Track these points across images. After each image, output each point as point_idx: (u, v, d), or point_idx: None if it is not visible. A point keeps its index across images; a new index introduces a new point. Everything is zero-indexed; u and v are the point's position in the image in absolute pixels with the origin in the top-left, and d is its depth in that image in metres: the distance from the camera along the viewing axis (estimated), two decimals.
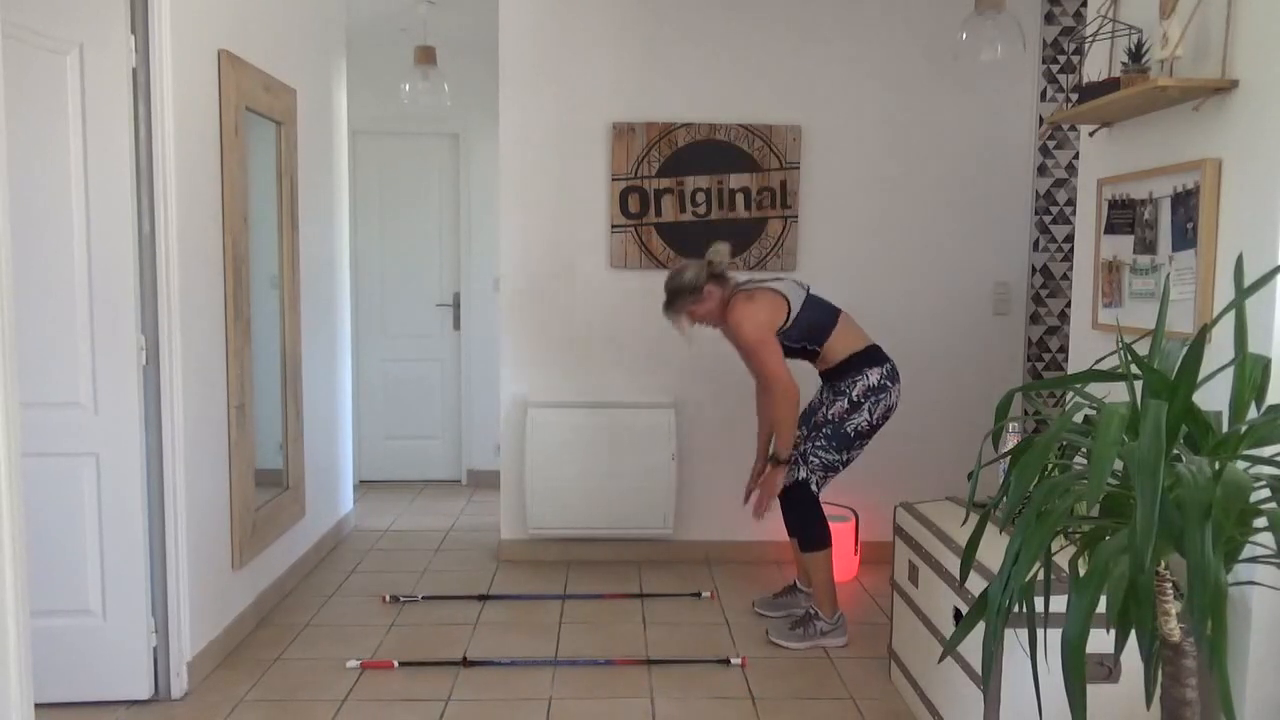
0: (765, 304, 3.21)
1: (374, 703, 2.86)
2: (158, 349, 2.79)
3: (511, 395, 4.21)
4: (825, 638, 3.28)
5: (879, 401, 3.24)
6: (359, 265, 5.58)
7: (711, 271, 3.28)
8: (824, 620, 3.29)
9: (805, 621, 3.31)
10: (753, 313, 3.19)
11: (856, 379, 3.24)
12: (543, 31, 4.07)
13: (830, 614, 3.29)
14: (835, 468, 3.29)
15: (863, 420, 3.24)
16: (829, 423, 3.26)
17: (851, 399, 3.24)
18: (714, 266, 3.29)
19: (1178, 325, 2.32)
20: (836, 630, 3.29)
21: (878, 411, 3.25)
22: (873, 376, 3.24)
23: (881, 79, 4.13)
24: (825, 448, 3.26)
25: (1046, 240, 4.24)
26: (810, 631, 3.28)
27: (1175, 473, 1.52)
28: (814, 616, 3.30)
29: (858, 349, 3.28)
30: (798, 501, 3.27)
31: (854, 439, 3.26)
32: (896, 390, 3.28)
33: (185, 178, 2.87)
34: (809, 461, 3.26)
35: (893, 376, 3.28)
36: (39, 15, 2.56)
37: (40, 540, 2.65)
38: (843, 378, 3.27)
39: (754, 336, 3.18)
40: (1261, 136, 2.09)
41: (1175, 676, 1.71)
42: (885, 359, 3.30)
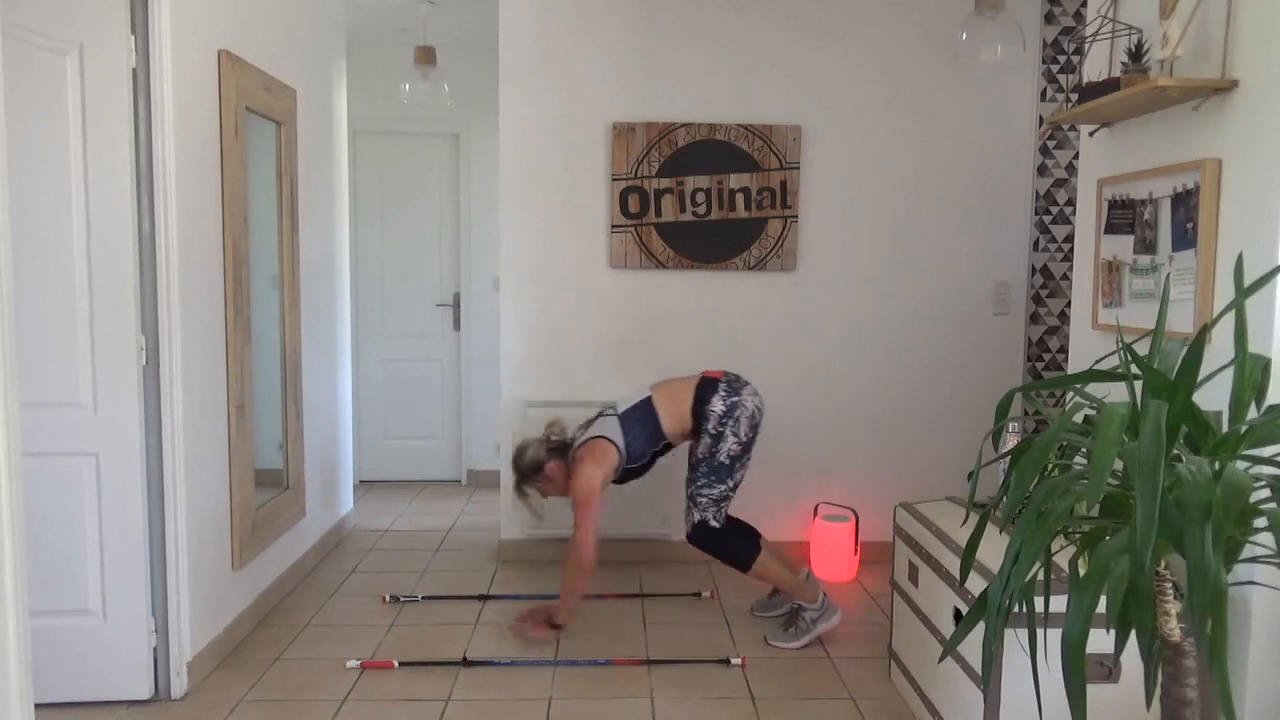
0: (596, 460, 3.23)
1: (374, 703, 2.86)
2: (158, 349, 2.79)
3: (511, 395, 4.21)
4: (819, 624, 3.27)
5: (737, 420, 3.25)
6: (359, 265, 5.58)
7: (551, 446, 3.33)
8: (809, 608, 3.28)
9: (794, 618, 3.32)
10: (587, 475, 3.21)
11: (710, 419, 3.26)
12: (543, 31, 4.07)
13: (813, 599, 3.29)
14: (726, 497, 3.29)
15: (731, 445, 3.25)
16: (702, 460, 3.28)
17: (710, 433, 3.26)
18: (555, 439, 3.35)
19: (1178, 325, 2.32)
20: (825, 612, 3.29)
21: (742, 429, 3.26)
22: (717, 406, 3.26)
23: (881, 79, 4.13)
24: (708, 484, 3.27)
25: (1046, 240, 4.24)
26: (802, 625, 3.28)
27: (1175, 473, 1.52)
28: (800, 609, 3.30)
29: (689, 408, 3.30)
30: (705, 541, 3.29)
31: (731, 465, 3.27)
32: (748, 396, 3.29)
33: (185, 178, 2.87)
34: (699, 503, 3.27)
35: (734, 389, 3.29)
36: (39, 15, 2.56)
37: (40, 540, 2.65)
38: (699, 428, 3.30)
39: (582, 498, 3.20)
40: (1261, 136, 2.09)
41: (1175, 676, 1.71)
42: (716, 383, 3.30)
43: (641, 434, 3.31)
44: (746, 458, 3.31)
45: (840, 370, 4.23)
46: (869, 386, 4.24)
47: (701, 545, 3.30)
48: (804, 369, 4.22)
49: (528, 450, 3.33)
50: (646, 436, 3.31)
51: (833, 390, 4.23)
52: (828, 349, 4.21)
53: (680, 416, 3.31)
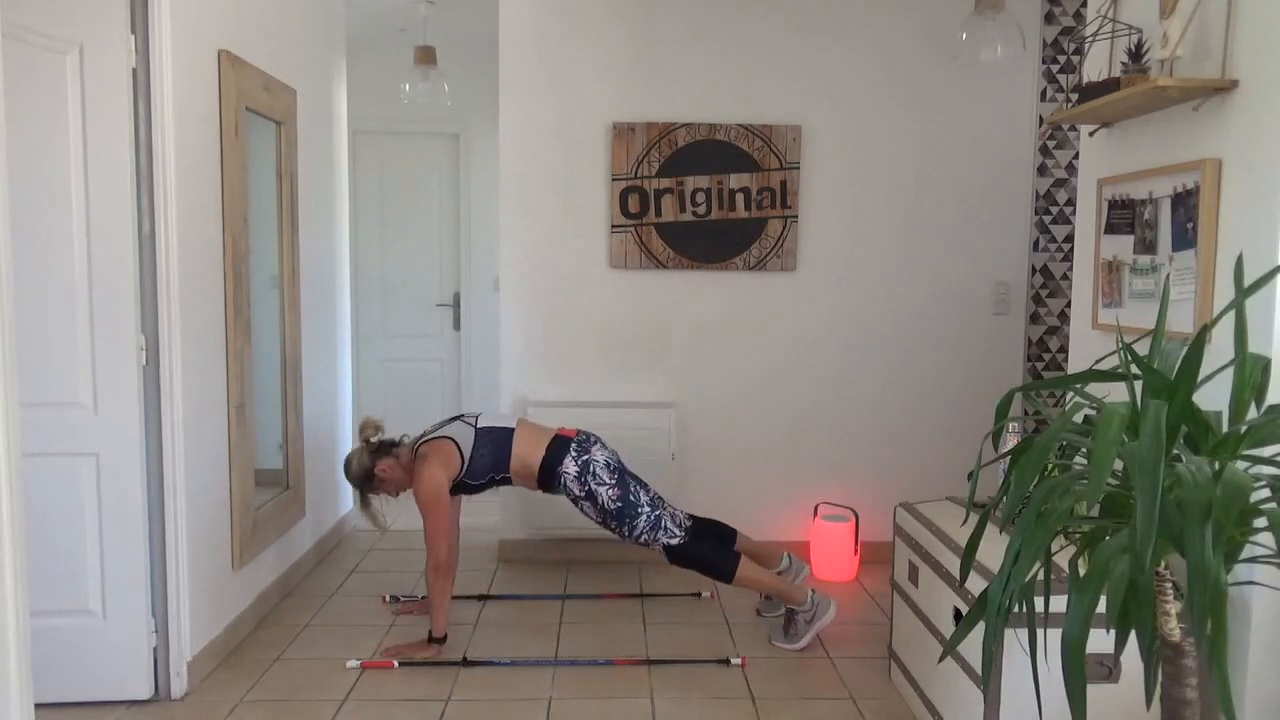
0: (440, 461, 3.21)
1: (374, 703, 2.86)
2: (158, 349, 2.79)
3: (511, 395, 4.21)
4: (814, 623, 3.26)
5: (595, 474, 3.24)
6: (359, 265, 5.58)
7: (371, 448, 3.31)
8: (802, 610, 3.27)
9: (790, 620, 3.31)
10: (430, 473, 3.19)
11: (566, 482, 3.25)
12: (543, 31, 4.07)
13: (802, 600, 3.28)
14: (657, 519, 3.25)
15: (608, 492, 3.23)
16: (604, 519, 3.26)
17: (579, 495, 3.25)
18: (371, 443, 3.32)
19: (1178, 325, 2.32)
20: (818, 610, 3.27)
21: (604, 478, 3.24)
22: (570, 468, 3.25)
23: (881, 79, 4.13)
24: (630, 526, 3.24)
25: (1046, 240, 4.24)
26: (798, 627, 3.28)
27: (1175, 473, 1.52)
28: (792, 613, 3.30)
29: (539, 458, 3.27)
30: (680, 559, 3.27)
31: (626, 498, 3.23)
32: (598, 451, 3.28)
33: (185, 178, 2.87)
34: (643, 540, 3.25)
35: (584, 449, 3.28)
36: (39, 15, 2.56)
37: (40, 540, 2.65)
38: (553, 488, 3.29)
39: (427, 500, 3.18)
40: (1261, 136, 2.09)
41: (1175, 676, 1.71)
42: (567, 442, 3.29)
43: (489, 456, 3.28)
44: (634, 485, 3.28)
45: (840, 370, 4.23)
46: (869, 386, 4.24)
47: (680, 564, 3.29)
48: (804, 368, 4.22)
49: (353, 461, 3.32)
50: (492, 461, 3.28)
51: (833, 390, 4.23)
52: (828, 349, 4.21)
53: (528, 463, 3.28)
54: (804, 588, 3.31)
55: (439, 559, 3.16)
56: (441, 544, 3.17)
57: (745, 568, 3.26)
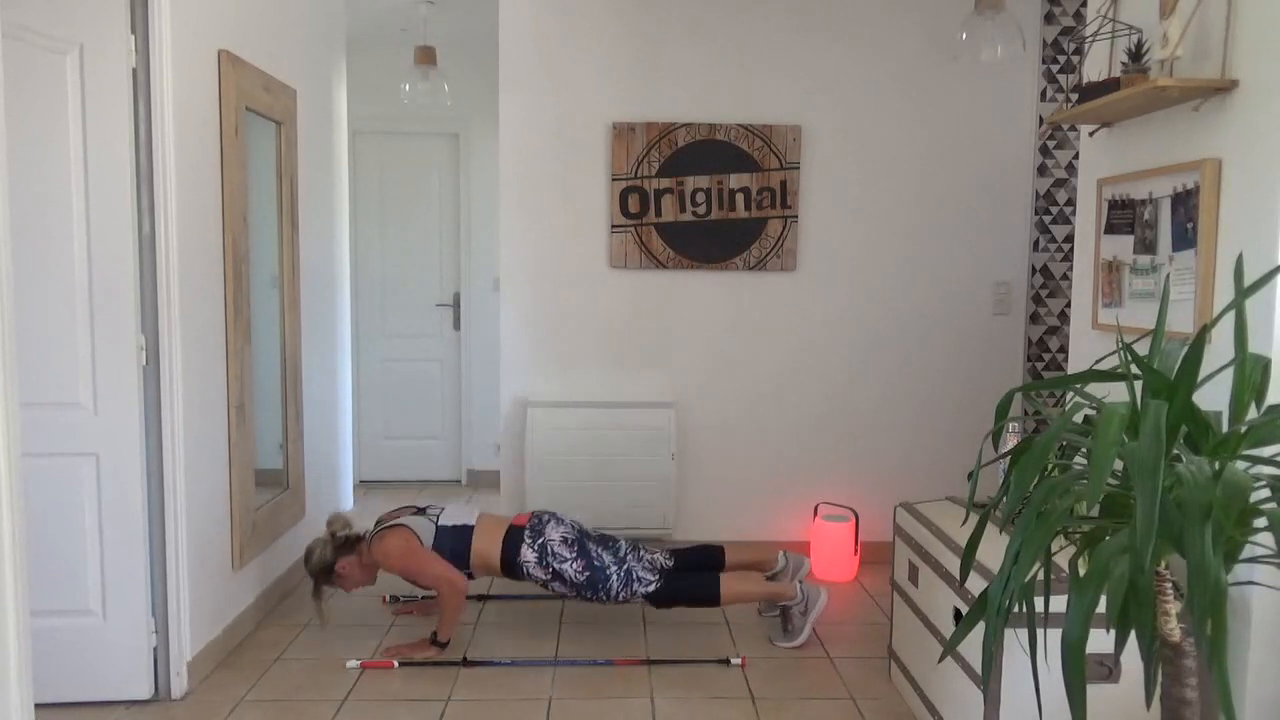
0: (396, 540, 3.19)
1: (374, 703, 2.86)
2: (158, 349, 2.79)
3: (511, 395, 4.21)
4: (809, 614, 3.26)
5: (551, 551, 3.19)
6: (359, 265, 5.58)
7: (335, 543, 3.28)
8: (794, 604, 3.27)
9: (785, 618, 3.32)
10: (391, 548, 3.17)
11: (529, 570, 3.21)
12: (543, 31, 4.07)
13: (791, 595, 3.27)
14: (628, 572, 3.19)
15: (571, 565, 3.18)
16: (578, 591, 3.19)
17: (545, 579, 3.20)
18: (336, 538, 3.29)
19: (1178, 325, 2.32)
20: (808, 600, 3.27)
21: (563, 553, 3.19)
22: (528, 556, 3.20)
23: (881, 79, 4.13)
24: (604, 588, 3.17)
25: (1046, 240, 4.24)
26: (795, 622, 3.28)
27: (1175, 473, 1.52)
28: (786, 608, 3.30)
29: (498, 554, 3.23)
30: (664, 602, 3.22)
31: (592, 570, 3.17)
32: (552, 529, 3.23)
33: (185, 178, 2.87)
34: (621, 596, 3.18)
35: (536, 530, 3.23)
36: (39, 15, 2.56)
37: (40, 540, 2.65)
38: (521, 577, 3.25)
39: (401, 561, 3.16)
40: (1261, 136, 2.09)
41: (1175, 676, 1.71)
42: (520, 530, 3.24)
43: (448, 549, 3.22)
44: (593, 548, 3.22)
45: (840, 370, 4.23)
46: (869, 386, 4.24)
47: (665, 606, 3.24)
48: (804, 369, 4.22)
49: (314, 552, 3.28)
50: (451, 553, 3.22)
51: (833, 390, 4.23)
52: (828, 349, 4.21)
53: (488, 558, 3.24)
54: (792, 584, 3.31)
55: (452, 582, 3.14)
56: (451, 577, 3.14)
57: (728, 586, 3.21)
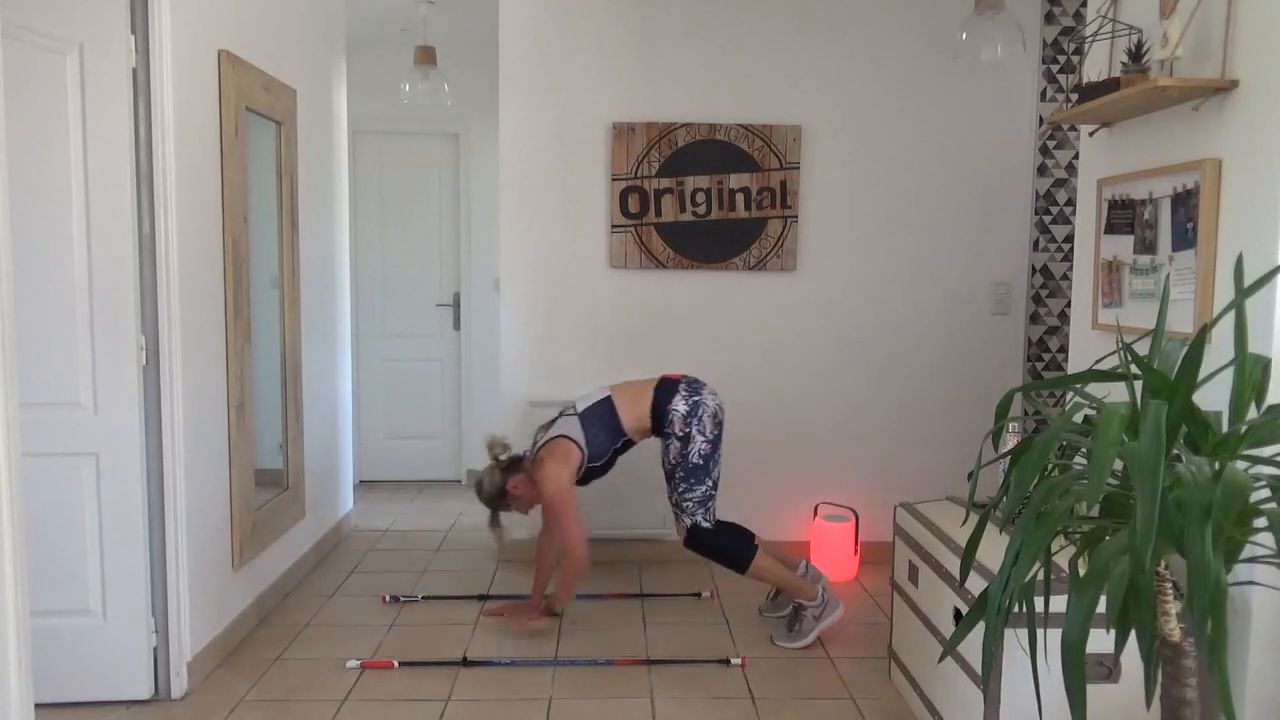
0: (560, 459, 3.23)
1: (374, 703, 2.86)
2: (158, 349, 2.79)
3: (512, 395, 4.21)
4: (821, 621, 3.27)
5: (701, 419, 3.25)
6: (359, 265, 5.58)
7: (501, 467, 3.33)
8: (810, 606, 3.28)
9: (796, 617, 3.31)
10: (553, 473, 3.21)
11: (673, 419, 3.26)
12: (543, 31, 4.07)
13: (812, 595, 3.28)
14: (710, 495, 3.29)
15: (701, 444, 3.25)
16: (677, 465, 3.27)
17: (677, 435, 3.26)
18: (505, 458, 3.34)
19: (1178, 325, 2.32)
20: (826, 608, 3.28)
21: (707, 427, 3.26)
22: (679, 406, 3.26)
23: (882, 79, 4.13)
24: (688, 487, 3.26)
25: (1046, 240, 4.24)
26: (805, 625, 3.28)
27: (1175, 473, 1.52)
28: (800, 608, 3.30)
29: (650, 402, 3.30)
30: (700, 543, 3.28)
31: (706, 464, 3.26)
32: (708, 395, 3.30)
33: (185, 178, 2.87)
34: (685, 508, 3.27)
35: (694, 389, 3.29)
36: (39, 15, 2.56)
37: (40, 540, 2.65)
38: (660, 429, 3.31)
39: (552, 497, 3.20)
40: (1261, 136, 2.09)
41: (1175, 676, 1.71)
42: (675, 383, 3.31)
43: (602, 431, 3.30)
44: (718, 454, 3.31)
45: (840, 370, 4.23)
46: (869, 386, 4.24)
47: (698, 548, 3.30)
48: (804, 369, 4.22)
49: (484, 482, 3.34)
50: (607, 434, 3.31)
51: (833, 390, 4.23)
52: (827, 349, 4.21)
53: (639, 415, 3.31)
54: (816, 582, 3.32)
55: (579, 555, 3.18)
56: (579, 540, 3.18)
57: (762, 558, 3.27)
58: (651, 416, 3.30)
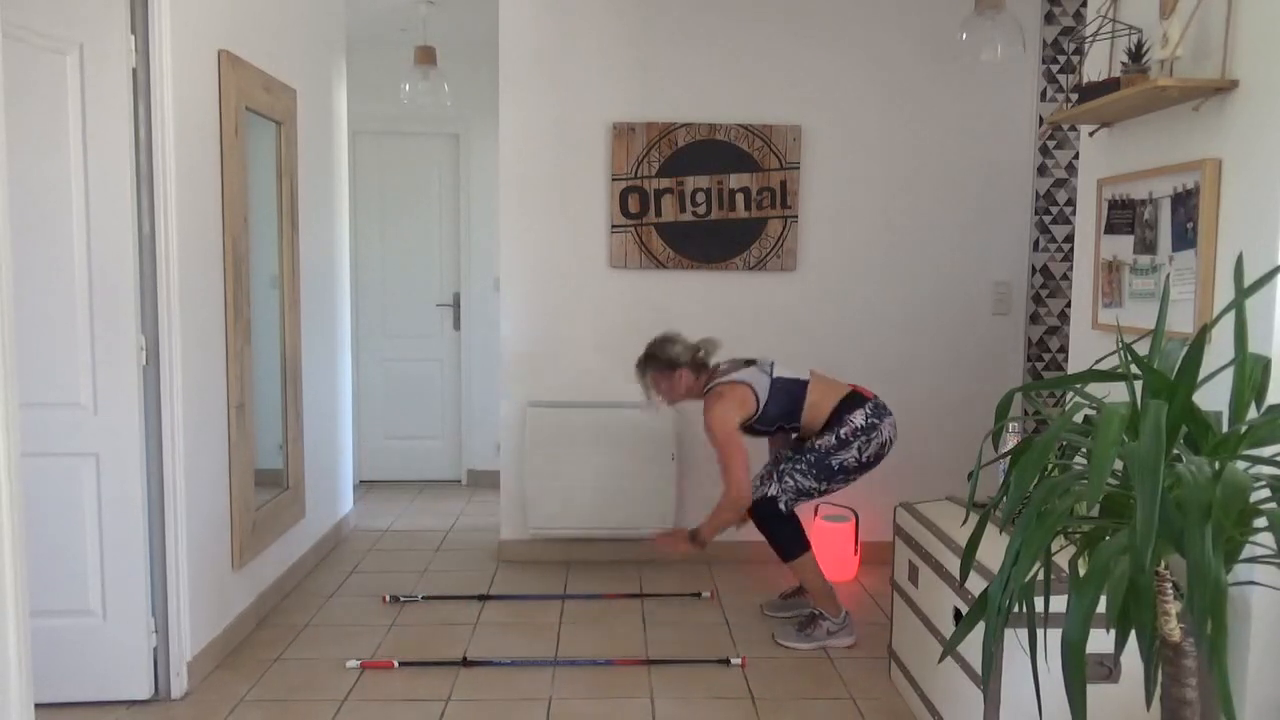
0: (736, 403, 3.24)
1: (374, 703, 2.86)
2: (158, 349, 2.79)
3: (511, 395, 4.21)
4: (832, 638, 3.28)
5: (869, 440, 3.25)
6: (359, 265, 5.58)
7: (696, 359, 3.34)
8: (830, 620, 3.29)
9: (811, 622, 3.31)
10: (724, 414, 3.22)
11: (847, 426, 3.26)
12: (543, 31, 4.07)
13: (835, 613, 3.30)
14: (810, 494, 3.30)
15: (849, 457, 3.25)
16: (813, 451, 3.27)
17: (839, 436, 3.26)
18: (701, 356, 3.36)
19: (1178, 325, 2.32)
20: (844, 630, 3.29)
21: (869, 450, 3.26)
22: (858, 419, 3.25)
23: (882, 79, 4.13)
24: (804, 473, 3.26)
25: (1046, 240, 4.24)
26: (817, 633, 3.28)
27: (1175, 473, 1.52)
28: (820, 617, 3.30)
29: (832, 407, 3.29)
30: (766, 516, 3.28)
31: (837, 472, 3.27)
32: (889, 424, 3.30)
33: (185, 178, 2.87)
34: (782, 481, 3.27)
35: (879, 413, 3.29)
36: (39, 15, 2.56)
37: (40, 540, 2.65)
38: (830, 428, 3.29)
39: (723, 439, 3.21)
40: (1261, 136, 2.09)
41: (1175, 676, 1.71)
42: (865, 400, 3.31)
43: (783, 406, 3.29)
44: (853, 478, 3.30)
45: (840, 370, 4.22)
46: (869, 386, 4.22)
47: (760, 519, 3.28)
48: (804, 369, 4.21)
49: (675, 344, 3.35)
50: (783, 411, 3.29)
51: None
52: (827, 349, 4.21)
53: (820, 414, 3.30)
54: (842, 606, 3.34)
55: (741, 493, 3.18)
56: (746, 481, 3.18)
57: (810, 557, 3.28)
58: (828, 419, 3.28)
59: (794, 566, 3.30)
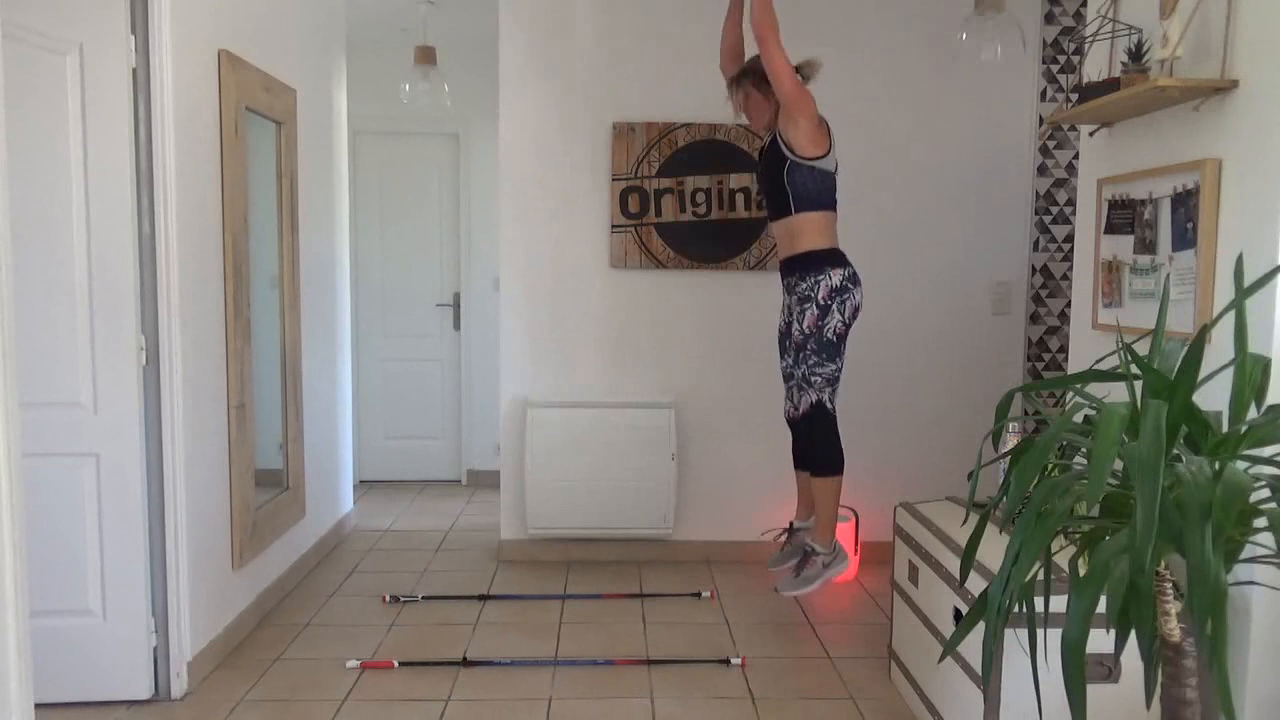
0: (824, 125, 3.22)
1: (374, 703, 2.86)
2: (158, 349, 2.79)
3: (511, 395, 4.21)
4: (829, 570, 3.21)
5: (844, 302, 3.17)
6: (359, 265, 5.58)
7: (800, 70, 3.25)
8: (821, 552, 3.22)
9: (804, 562, 3.24)
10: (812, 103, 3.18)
11: (819, 279, 3.16)
12: (543, 31, 4.07)
13: (827, 543, 3.23)
14: (837, 377, 3.23)
15: (836, 322, 3.17)
16: (809, 336, 3.18)
17: (819, 302, 3.16)
18: (803, 76, 3.26)
19: (1178, 325, 2.32)
20: (836, 559, 3.23)
21: (846, 311, 3.18)
22: (835, 277, 3.16)
23: (881, 79, 4.13)
24: (819, 362, 3.18)
25: (1046, 240, 4.24)
26: (812, 571, 3.21)
27: (1175, 473, 1.52)
28: (811, 553, 3.23)
29: (824, 246, 3.20)
30: (819, 424, 3.20)
31: (837, 343, 3.20)
32: (859, 292, 3.22)
33: (185, 178, 2.87)
34: (813, 382, 3.19)
35: (854, 280, 3.21)
36: (39, 15, 2.56)
37: (40, 540, 2.65)
38: (805, 277, 3.19)
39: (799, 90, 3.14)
40: (1261, 136, 2.09)
41: (1175, 676, 1.71)
42: (847, 262, 3.22)
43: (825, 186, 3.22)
44: (846, 341, 3.23)
45: None
46: (869, 386, 4.23)
47: (812, 426, 3.21)
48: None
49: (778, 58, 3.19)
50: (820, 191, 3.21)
51: None
52: None
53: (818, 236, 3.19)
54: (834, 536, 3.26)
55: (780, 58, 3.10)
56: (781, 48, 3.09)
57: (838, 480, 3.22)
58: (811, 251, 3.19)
59: (822, 483, 3.20)
